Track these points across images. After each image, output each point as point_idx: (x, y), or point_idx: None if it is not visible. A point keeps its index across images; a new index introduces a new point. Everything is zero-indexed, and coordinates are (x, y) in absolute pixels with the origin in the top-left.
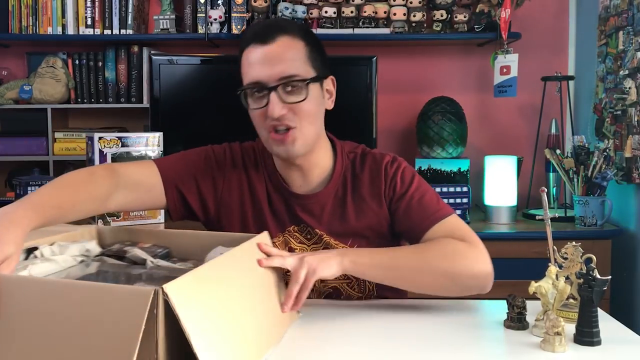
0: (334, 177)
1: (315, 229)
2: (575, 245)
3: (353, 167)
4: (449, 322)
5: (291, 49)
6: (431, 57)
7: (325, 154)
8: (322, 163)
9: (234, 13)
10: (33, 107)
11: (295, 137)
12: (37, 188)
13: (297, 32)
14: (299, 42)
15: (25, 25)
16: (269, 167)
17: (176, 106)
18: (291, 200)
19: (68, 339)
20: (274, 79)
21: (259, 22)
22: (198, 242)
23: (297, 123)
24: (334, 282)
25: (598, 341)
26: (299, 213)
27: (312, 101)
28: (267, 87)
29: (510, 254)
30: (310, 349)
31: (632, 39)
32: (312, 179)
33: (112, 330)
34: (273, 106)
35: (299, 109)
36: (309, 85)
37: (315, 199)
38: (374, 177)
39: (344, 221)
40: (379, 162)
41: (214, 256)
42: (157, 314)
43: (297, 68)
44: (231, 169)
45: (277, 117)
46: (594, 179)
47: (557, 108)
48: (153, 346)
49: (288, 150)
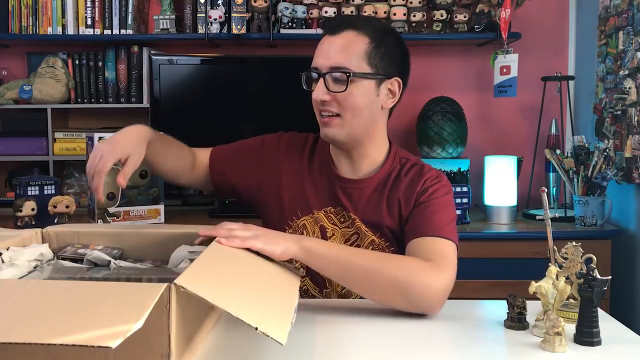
0: (381, 172)
1: (350, 213)
2: (575, 245)
3: (400, 170)
4: (449, 322)
5: (351, 43)
6: (431, 57)
7: (377, 150)
8: (373, 157)
9: (234, 13)
10: (33, 107)
11: (337, 124)
12: (37, 188)
13: (366, 29)
14: (363, 38)
15: (25, 25)
16: (323, 150)
17: (176, 106)
18: (334, 182)
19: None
20: (326, 67)
21: (337, 16)
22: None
23: (340, 111)
24: None
25: (598, 341)
26: (339, 194)
27: (357, 95)
28: (319, 74)
29: (510, 254)
30: (309, 350)
31: (632, 39)
32: (360, 168)
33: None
34: (317, 91)
35: (342, 98)
36: (353, 79)
37: (357, 184)
38: (413, 182)
39: (377, 213)
40: (425, 172)
41: (179, 255)
42: (169, 309)
43: (348, 61)
44: (276, 152)
45: (319, 102)
46: (594, 179)
47: (557, 108)
48: (166, 341)
49: (328, 135)
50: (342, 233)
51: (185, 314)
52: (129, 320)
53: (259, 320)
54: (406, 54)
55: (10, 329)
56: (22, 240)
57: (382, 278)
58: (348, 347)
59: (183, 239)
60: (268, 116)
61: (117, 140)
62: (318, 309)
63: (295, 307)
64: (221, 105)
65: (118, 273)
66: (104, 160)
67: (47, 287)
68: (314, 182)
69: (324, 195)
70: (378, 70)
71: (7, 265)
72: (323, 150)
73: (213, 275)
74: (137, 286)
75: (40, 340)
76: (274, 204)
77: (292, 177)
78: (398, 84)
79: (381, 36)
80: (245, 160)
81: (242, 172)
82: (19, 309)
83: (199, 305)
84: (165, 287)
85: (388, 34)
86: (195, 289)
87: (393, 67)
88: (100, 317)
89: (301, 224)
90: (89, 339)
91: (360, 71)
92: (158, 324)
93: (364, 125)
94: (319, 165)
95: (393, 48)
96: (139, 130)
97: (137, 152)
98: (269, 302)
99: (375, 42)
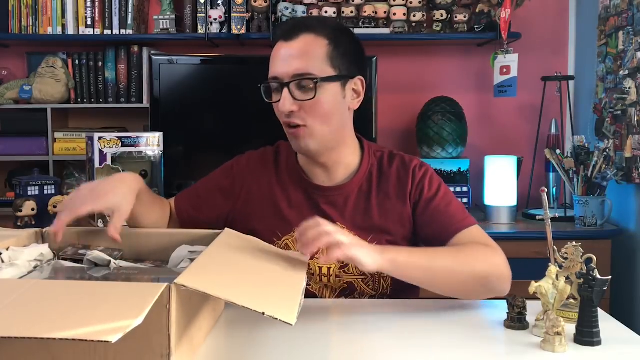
0: (360, 172)
1: (336, 222)
2: (575, 245)
3: (380, 165)
4: (449, 322)
5: (311, 47)
6: (431, 57)
7: (351, 153)
8: (347, 161)
9: (234, 13)
10: (33, 107)
11: (308, 134)
12: (37, 188)
13: (323, 30)
14: (322, 40)
15: (25, 25)
16: (290, 162)
17: (176, 106)
18: (313, 193)
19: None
20: (289, 75)
21: (289, 20)
22: (148, 242)
23: (307, 122)
24: (349, 277)
25: (598, 341)
26: (322, 205)
27: (325, 100)
28: (282, 83)
29: (510, 254)
30: (309, 350)
31: (632, 39)
32: (336, 176)
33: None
34: (283, 102)
35: (309, 107)
36: (320, 85)
37: (339, 191)
38: (401, 177)
39: (367, 216)
40: (408, 163)
41: (179, 255)
42: (169, 309)
43: (312, 66)
44: (238, 176)
45: (286, 113)
46: (594, 179)
47: (557, 108)
48: (166, 341)
49: (300, 146)
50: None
51: (186, 314)
52: (129, 316)
53: (265, 306)
54: (363, 51)
55: (9, 325)
56: (22, 240)
57: (463, 275)
58: (347, 348)
59: (183, 239)
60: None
61: (105, 189)
62: (317, 309)
63: (303, 289)
64: (221, 105)
65: (118, 273)
66: (84, 206)
67: (47, 287)
68: (287, 197)
69: (302, 209)
70: (341, 72)
71: (7, 265)
72: (290, 162)
73: (214, 273)
74: (137, 286)
75: (40, 335)
76: (252, 229)
77: (263, 198)
78: (361, 83)
79: (338, 35)
80: (209, 196)
81: (210, 209)
82: (19, 306)
83: (200, 305)
84: (165, 286)
85: (344, 33)
86: (196, 286)
87: (354, 66)
88: (100, 313)
89: (283, 244)
90: (88, 334)
91: (325, 75)
92: (158, 323)
93: (335, 131)
94: (289, 178)
95: (351, 47)
96: (131, 181)
97: (126, 204)
98: (274, 290)
99: (334, 42)
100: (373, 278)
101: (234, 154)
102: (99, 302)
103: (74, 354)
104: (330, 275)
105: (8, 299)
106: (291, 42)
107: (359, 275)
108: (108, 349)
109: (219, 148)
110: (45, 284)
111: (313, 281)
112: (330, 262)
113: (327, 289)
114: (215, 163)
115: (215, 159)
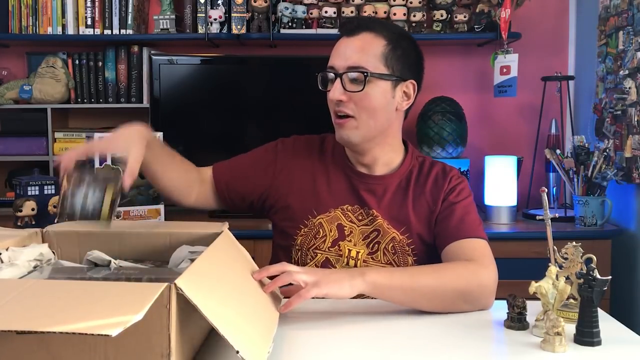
0: (401, 169)
1: (372, 209)
2: (575, 245)
3: (421, 167)
4: (449, 322)
5: (369, 44)
6: (431, 57)
7: (392, 152)
8: (386, 158)
9: (234, 13)
10: (33, 107)
11: (352, 126)
12: (37, 188)
13: (382, 31)
14: (380, 40)
15: (25, 25)
16: (338, 149)
17: (176, 106)
18: (355, 179)
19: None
20: (343, 67)
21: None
22: (148, 242)
23: (355, 113)
24: (376, 264)
25: (598, 341)
26: (361, 191)
27: (374, 95)
28: (336, 73)
29: (510, 254)
30: (309, 350)
31: (632, 39)
32: (375, 169)
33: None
34: (334, 90)
35: (357, 98)
36: (370, 79)
37: (380, 180)
38: (438, 179)
39: (402, 209)
40: (448, 171)
41: (180, 255)
42: (169, 309)
43: (366, 62)
44: (282, 155)
45: (335, 101)
46: (594, 179)
47: (557, 108)
48: (166, 341)
49: (343, 137)
50: (360, 231)
51: (186, 313)
52: (129, 312)
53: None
54: (421, 58)
55: (9, 320)
56: (22, 240)
57: (446, 293)
58: (347, 348)
59: (183, 239)
60: (268, 116)
61: (111, 135)
62: (317, 309)
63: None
64: (221, 105)
65: (118, 273)
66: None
67: (47, 285)
68: (327, 180)
69: (342, 193)
70: (394, 72)
71: (7, 265)
72: (336, 148)
73: (211, 278)
74: (137, 285)
75: (39, 329)
76: (288, 204)
77: (303, 176)
78: (413, 87)
79: (397, 39)
80: (250, 168)
81: (249, 181)
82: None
83: None
84: (165, 286)
85: (404, 38)
86: (191, 295)
87: (408, 69)
88: (100, 309)
89: (317, 222)
90: (88, 328)
91: (377, 72)
92: (158, 323)
93: (379, 127)
94: (333, 163)
95: (409, 51)
96: (137, 128)
97: (137, 147)
98: (254, 320)
99: (392, 44)
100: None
101: (234, 154)
102: (99, 299)
103: (74, 353)
104: (357, 260)
105: (8, 296)
106: (352, 38)
107: (385, 263)
108: (108, 348)
109: (219, 148)
110: (45, 283)
111: (339, 264)
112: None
113: None
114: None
115: (215, 158)
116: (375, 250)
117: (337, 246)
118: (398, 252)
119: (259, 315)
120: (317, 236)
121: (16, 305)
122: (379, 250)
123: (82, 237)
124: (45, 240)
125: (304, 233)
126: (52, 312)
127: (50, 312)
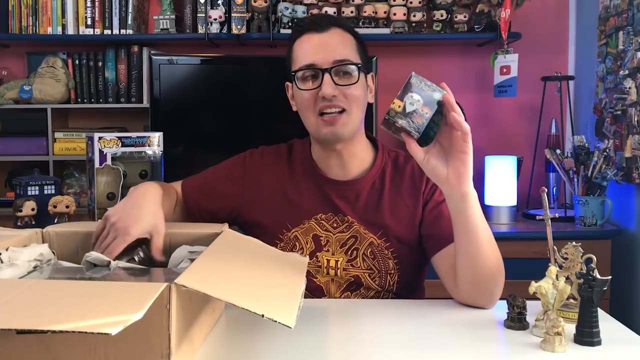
0: (373, 169)
1: (347, 216)
2: (575, 245)
3: (395, 164)
4: (449, 322)
5: (345, 38)
6: (431, 57)
7: (364, 147)
8: (361, 155)
9: (234, 13)
10: (33, 107)
11: (345, 120)
12: (37, 188)
13: (345, 26)
14: (348, 35)
15: (25, 25)
16: (304, 156)
17: (176, 106)
18: (325, 187)
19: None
20: (328, 61)
21: (312, 15)
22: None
23: (347, 106)
24: (356, 271)
25: (598, 341)
26: (334, 199)
27: (361, 88)
28: (321, 69)
29: (510, 254)
30: (309, 350)
31: (632, 39)
32: (350, 168)
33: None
34: (326, 86)
35: (350, 92)
36: (360, 71)
37: (352, 185)
38: (415, 177)
39: (378, 212)
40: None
41: (179, 255)
42: (169, 309)
43: (349, 54)
44: (251, 168)
45: (329, 98)
46: (594, 179)
47: (557, 108)
48: (166, 341)
49: (336, 132)
50: (337, 239)
51: (185, 313)
52: (129, 311)
53: (265, 308)
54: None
55: (9, 319)
56: (22, 240)
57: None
58: (347, 348)
59: (183, 239)
60: (268, 116)
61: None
62: (317, 309)
63: (302, 292)
64: (221, 105)
65: (118, 273)
66: (120, 240)
67: (47, 285)
68: (298, 191)
69: (314, 202)
70: (364, 65)
71: (7, 265)
72: (304, 156)
73: (214, 273)
74: (137, 285)
75: (39, 327)
76: (260, 220)
77: (273, 190)
78: (372, 79)
79: (357, 34)
80: (219, 184)
81: (218, 198)
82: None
83: (200, 305)
84: (165, 286)
85: (357, 32)
86: (196, 286)
87: (368, 62)
88: (100, 308)
89: (292, 236)
90: (88, 327)
91: (360, 64)
92: (158, 323)
93: (361, 120)
94: (303, 173)
95: (364, 45)
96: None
97: (160, 222)
98: (274, 291)
99: (356, 38)
100: (380, 274)
101: (234, 154)
102: (99, 299)
103: (74, 353)
104: (337, 269)
105: (8, 296)
106: (324, 33)
107: (366, 269)
108: (108, 348)
109: (219, 148)
110: (45, 283)
111: (320, 274)
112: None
113: (334, 282)
114: (215, 163)
115: (215, 158)
116: (354, 256)
117: (315, 257)
118: (377, 257)
119: (279, 283)
120: (294, 250)
121: (16, 305)
122: (358, 257)
123: (82, 237)
124: (45, 240)
125: (281, 248)
126: (52, 312)
127: (50, 311)
